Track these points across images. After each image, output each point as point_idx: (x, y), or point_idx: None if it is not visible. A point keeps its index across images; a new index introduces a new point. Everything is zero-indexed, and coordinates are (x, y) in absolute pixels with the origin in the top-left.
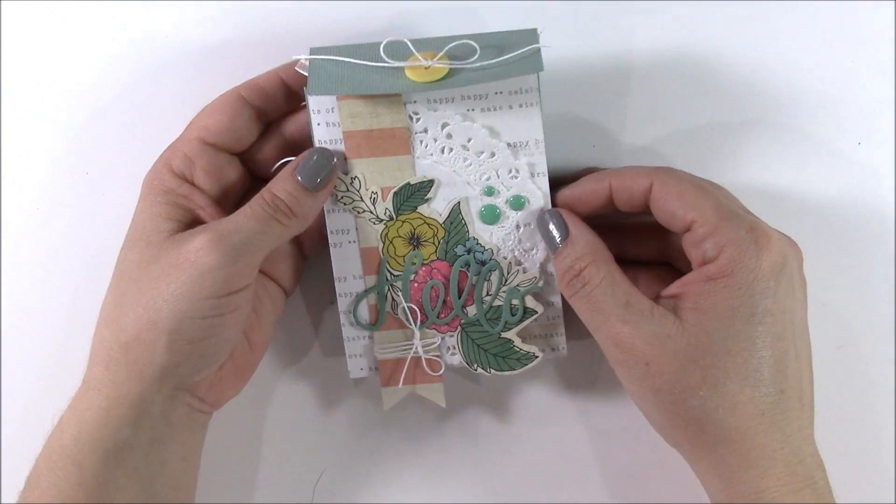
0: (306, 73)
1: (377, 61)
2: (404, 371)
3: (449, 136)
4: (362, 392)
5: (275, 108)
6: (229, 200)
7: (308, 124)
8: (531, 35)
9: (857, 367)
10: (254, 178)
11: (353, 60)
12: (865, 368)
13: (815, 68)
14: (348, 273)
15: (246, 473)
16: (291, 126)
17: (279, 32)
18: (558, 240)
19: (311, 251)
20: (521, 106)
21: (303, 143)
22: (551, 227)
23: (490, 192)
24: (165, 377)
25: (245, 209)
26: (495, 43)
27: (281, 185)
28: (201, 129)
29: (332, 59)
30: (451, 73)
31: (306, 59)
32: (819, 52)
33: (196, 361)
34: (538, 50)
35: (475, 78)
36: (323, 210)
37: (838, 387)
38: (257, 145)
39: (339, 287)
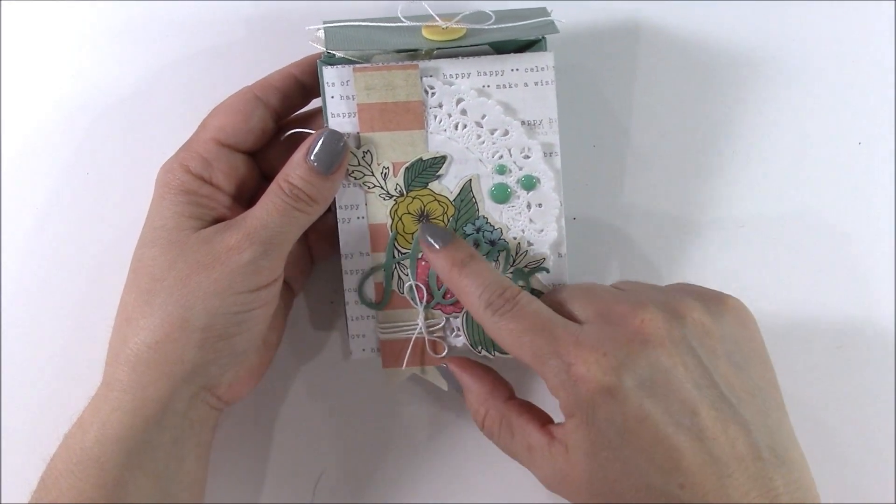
0: (320, 46)
1: (394, 24)
2: (407, 353)
3: (464, 111)
4: (363, 391)
5: (289, 107)
6: (244, 196)
7: (322, 99)
8: (541, 12)
9: (857, 367)
10: (264, 177)
11: (369, 23)
12: (865, 368)
13: (815, 68)
14: (355, 250)
15: (245, 474)
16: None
17: (281, 32)
18: (460, 394)
19: (319, 255)
20: (536, 84)
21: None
22: (452, 383)
23: (502, 170)
24: (194, 376)
25: (266, 203)
26: (509, 15)
27: (296, 173)
28: (217, 131)
29: (348, 25)
30: (468, 33)
31: (320, 29)
32: (819, 52)
33: (225, 359)
34: (552, 21)
35: (492, 37)
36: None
37: (838, 387)
38: (269, 144)
39: (345, 264)
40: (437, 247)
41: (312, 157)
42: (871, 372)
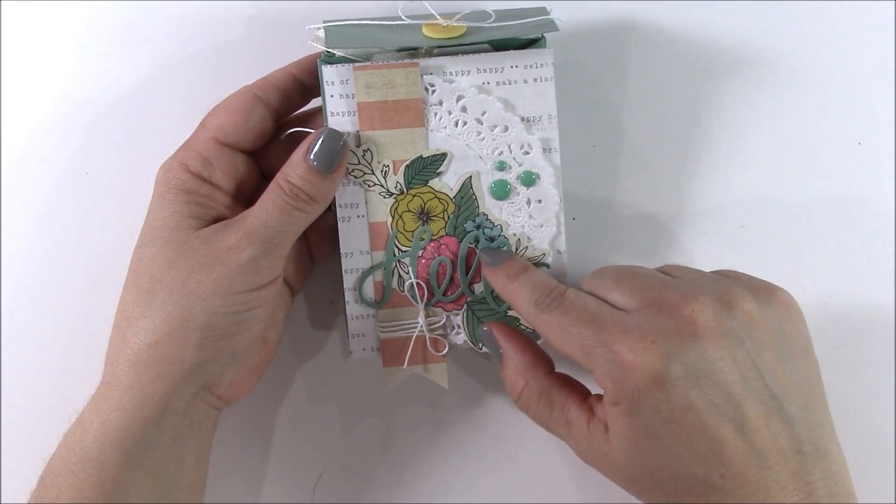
0: (320, 46)
1: (395, 22)
2: (408, 351)
3: (464, 108)
4: (363, 391)
5: (288, 106)
6: (244, 196)
7: (321, 98)
8: (541, 11)
9: (857, 367)
10: (264, 177)
11: (369, 22)
12: (865, 368)
13: (814, 68)
14: (355, 248)
15: (245, 474)
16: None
17: (280, 31)
18: (498, 361)
19: (319, 255)
20: (535, 80)
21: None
22: (491, 348)
23: (502, 167)
24: (194, 376)
25: (266, 202)
26: (509, 14)
27: (295, 172)
28: (216, 130)
29: (348, 23)
30: (468, 31)
31: (320, 28)
32: (819, 52)
33: (225, 359)
34: (552, 19)
35: (493, 35)
36: (335, 208)
37: (838, 387)
38: (269, 143)
39: (345, 263)
40: (493, 266)
41: (312, 157)
42: (871, 372)
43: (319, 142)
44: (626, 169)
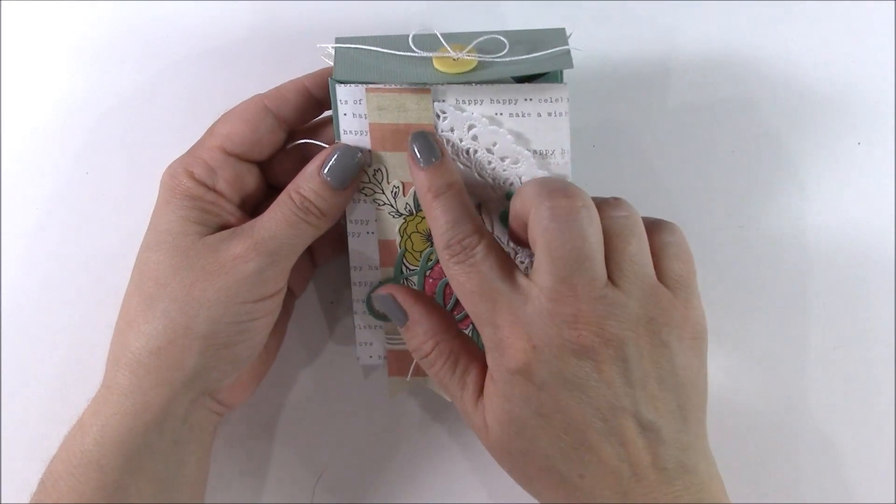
0: (331, 63)
1: (405, 52)
2: (412, 364)
3: (475, 137)
4: (363, 392)
5: (299, 119)
6: (249, 205)
7: (333, 115)
8: (559, 34)
9: (857, 367)
10: (270, 187)
11: (380, 49)
12: (865, 368)
13: (815, 68)
14: (364, 263)
15: (246, 474)
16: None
17: (284, 33)
18: (401, 324)
19: (321, 259)
20: (549, 114)
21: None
22: (391, 312)
23: (512, 196)
24: (194, 382)
25: (275, 212)
26: (524, 40)
27: (308, 185)
28: (224, 139)
29: (359, 48)
30: (479, 65)
31: (332, 48)
32: (819, 52)
33: (226, 366)
34: (568, 50)
35: (504, 71)
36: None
37: (838, 387)
38: (276, 155)
39: (354, 276)
40: (420, 163)
41: (326, 171)
42: (871, 372)
43: (335, 157)
44: (627, 169)
